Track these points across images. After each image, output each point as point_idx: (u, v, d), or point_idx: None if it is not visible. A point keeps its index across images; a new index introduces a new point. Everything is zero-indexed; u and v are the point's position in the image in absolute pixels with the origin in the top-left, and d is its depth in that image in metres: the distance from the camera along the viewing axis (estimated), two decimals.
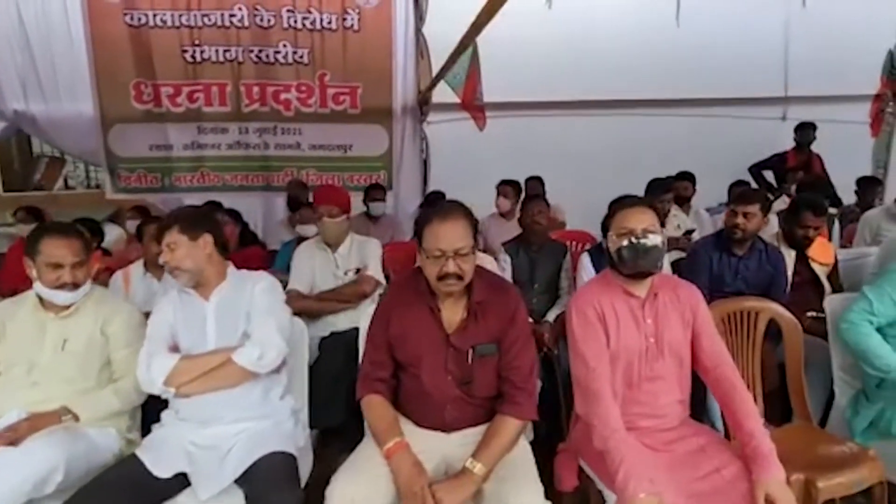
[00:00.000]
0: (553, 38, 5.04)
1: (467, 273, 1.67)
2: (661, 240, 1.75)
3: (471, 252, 1.67)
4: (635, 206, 1.80)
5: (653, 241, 1.73)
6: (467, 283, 1.74)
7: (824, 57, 5.28)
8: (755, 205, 2.68)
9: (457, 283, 1.67)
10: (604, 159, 5.17)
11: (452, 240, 1.64)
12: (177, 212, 2.07)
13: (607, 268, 1.87)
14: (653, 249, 1.73)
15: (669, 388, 1.80)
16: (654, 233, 1.74)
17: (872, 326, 2.02)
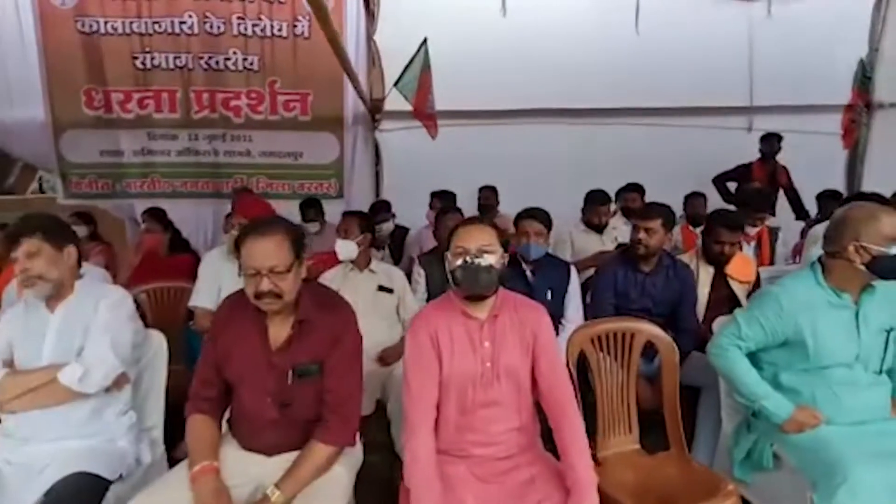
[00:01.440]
0: (508, 45, 4.96)
1: (286, 291, 1.60)
2: (497, 260, 1.66)
3: (288, 270, 1.59)
4: (473, 224, 1.72)
5: (487, 261, 1.64)
6: (296, 300, 1.68)
7: (791, 66, 5.12)
8: (656, 220, 2.57)
9: (274, 301, 1.60)
10: (562, 169, 5.05)
11: (267, 258, 1.58)
12: (35, 219, 2.00)
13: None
14: (487, 270, 1.64)
15: (506, 414, 1.69)
16: (490, 252, 1.65)
17: (741, 352, 1.89)
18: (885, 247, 1.70)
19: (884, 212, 1.74)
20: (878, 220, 1.71)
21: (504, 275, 1.72)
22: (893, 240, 1.70)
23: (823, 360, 1.79)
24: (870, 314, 1.80)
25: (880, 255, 1.70)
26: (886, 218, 1.72)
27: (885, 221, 1.71)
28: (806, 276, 1.86)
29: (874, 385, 1.80)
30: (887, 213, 1.73)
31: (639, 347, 2.09)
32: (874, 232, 1.71)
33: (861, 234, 1.72)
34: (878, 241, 1.70)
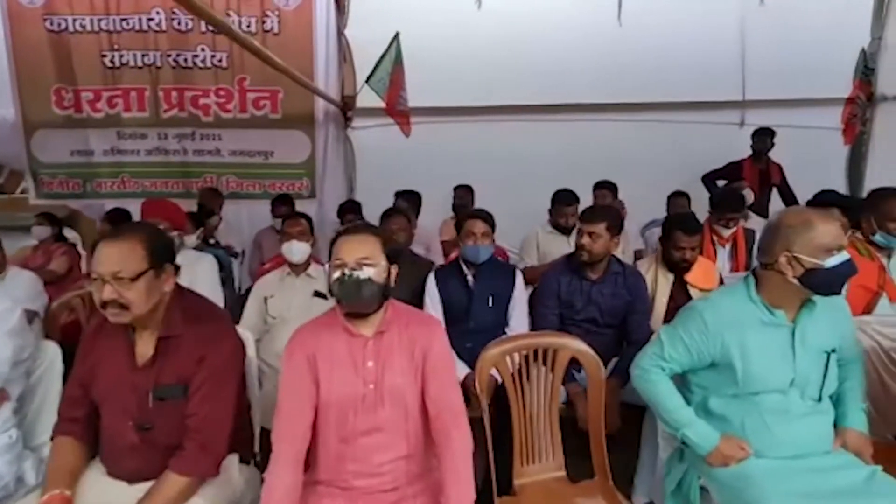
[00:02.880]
0: (484, 39, 4.76)
1: (133, 302, 1.45)
2: (379, 273, 1.49)
3: (135, 278, 1.44)
4: (353, 234, 1.55)
5: (367, 274, 1.48)
6: (165, 314, 1.54)
7: (786, 58, 4.82)
8: (600, 224, 2.37)
9: (121, 312, 1.45)
10: (543, 167, 4.82)
11: (110, 263, 1.44)
12: None
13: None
14: (366, 284, 1.47)
15: (392, 442, 1.53)
16: (370, 265, 1.48)
17: (665, 374, 1.69)
18: (819, 258, 1.48)
19: (820, 219, 1.52)
20: (813, 229, 1.50)
21: (390, 289, 1.56)
22: (829, 251, 1.48)
23: (753, 385, 1.58)
24: (808, 333, 1.58)
25: (814, 267, 1.49)
26: (822, 226, 1.50)
27: (820, 230, 1.49)
28: (737, 289, 1.65)
29: (812, 414, 1.58)
30: (824, 220, 1.52)
31: (562, 365, 1.90)
32: (808, 241, 1.50)
33: (794, 244, 1.51)
34: (811, 252, 1.49)
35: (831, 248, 1.48)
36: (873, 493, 1.45)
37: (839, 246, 1.49)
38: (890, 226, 2.54)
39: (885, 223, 2.58)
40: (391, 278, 1.55)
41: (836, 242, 1.49)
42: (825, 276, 1.49)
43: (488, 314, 2.53)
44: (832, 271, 1.48)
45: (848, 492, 1.46)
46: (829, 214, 1.55)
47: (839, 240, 1.49)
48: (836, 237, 1.49)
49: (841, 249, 1.49)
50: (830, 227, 1.50)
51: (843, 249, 1.49)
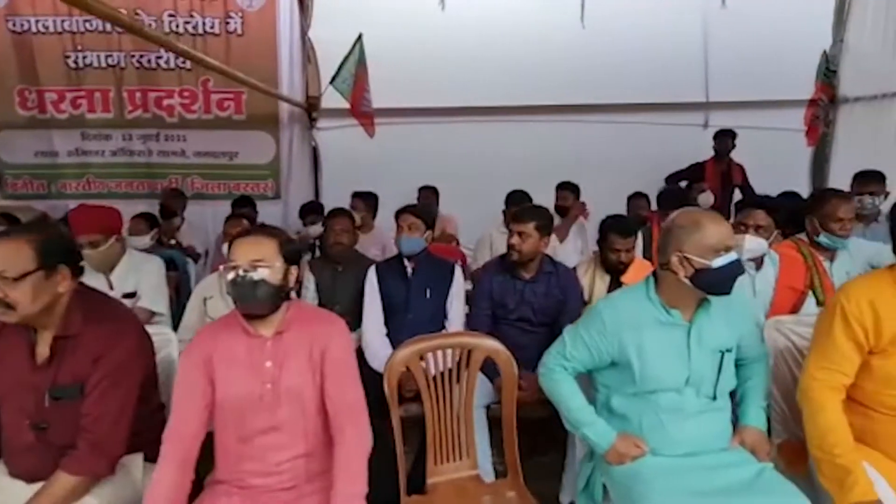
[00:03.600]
0: (448, 40, 4.80)
1: (19, 302, 1.45)
2: (273, 274, 1.50)
3: (20, 278, 1.44)
4: (248, 235, 1.56)
5: (260, 275, 1.48)
6: (65, 314, 1.55)
7: (748, 59, 4.87)
8: (529, 223, 2.39)
9: (6, 312, 1.45)
10: (507, 168, 4.84)
11: None
12: None
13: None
14: (260, 285, 1.48)
15: (289, 441, 1.54)
16: (264, 266, 1.49)
17: (567, 373, 1.70)
18: (708, 259, 1.50)
19: (709, 219, 1.54)
20: (702, 229, 1.52)
21: (288, 290, 1.57)
22: (718, 251, 1.50)
23: (650, 383, 1.59)
24: (704, 333, 1.60)
25: (703, 267, 1.51)
26: (711, 226, 1.52)
27: (709, 230, 1.51)
28: (637, 289, 1.67)
29: (706, 412, 1.60)
30: (713, 220, 1.54)
31: (477, 364, 1.91)
32: (697, 242, 1.51)
33: (684, 245, 1.53)
34: (701, 253, 1.51)
35: (719, 248, 1.50)
36: (760, 489, 1.47)
37: (727, 247, 1.50)
38: (833, 226, 2.55)
39: (829, 224, 2.59)
40: (289, 279, 1.55)
41: (724, 243, 1.50)
42: (713, 276, 1.50)
43: (426, 306, 2.57)
44: (719, 271, 1.50)
45: (736, 488, 1.48)
46: (718, 216, 1.57)
47: (727, 241, 1.51)
48: (724, 238, 1.51)
49: (729, 250, 1.51)
50: (719, 228, 1.52)
51: (732, 250, 1.51)
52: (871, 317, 1.51)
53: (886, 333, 1.50)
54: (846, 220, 2.37)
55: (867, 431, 1.58)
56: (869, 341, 1.52)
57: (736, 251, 1.53)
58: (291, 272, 1.56)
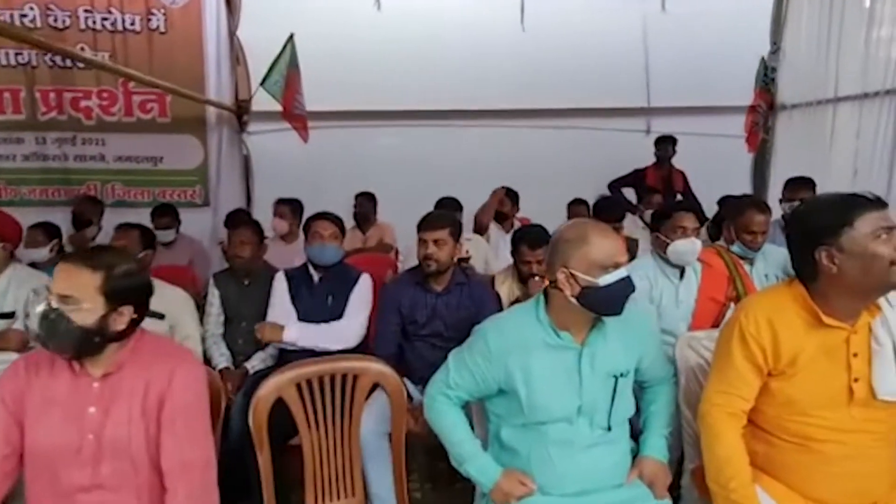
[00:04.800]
0: (385, 42, 4.62)
1: None
2: (82, 316, 1.25)
3: None
4: (69, 262, 1.30)
5: (67, 312, 1.24)
6: None
7: (689, 65, 4.84)
8: (444, 230, 2.24)
9: None
10: (446, 173, 4.67)
11: None
12: None
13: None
14: (61, 324, 1.24)
15: (118, 500, 1.32)
16: (72, 306, 1.24)
17: (451, 402, 1.54)
18: (595, 276, 1.36)
19: (598, 233, 1.39)
20: (587, 244, 1.37)
21: (106, 334, 1.29)
22: (606, 268, 1.36)
23: (538, 414, 1.44)
24: (597, 357, 1.46)
25: (589, 285, 1.37)
26: (599, 240, 1.38)
27: (594, 245, 1.37)
28: (527, 309, 1.52)
29: (600, 444, 1.46)
30: (601, 234, 1.39)
31: (364, 390, 1.74)
32: (583, 257, 1.37)
33: (570, 260, 1.39)
34: (586, 269, 1.37)
35: (607, 264, 1.36)
36: None
37: (615, 263, 1.37)
38: (745, 237, 2.49)
39: (742, 234, 2.53)
40: (112, 322, 1.29)
41: (613, 259, 1.36)
42: (600, 295, 1.36)
43: (329, 313, 2.43)
44: (607, 290, 1.36)
45: None
46: (608, 229, 1.43)
47: (616, 256, 1.37)
48: (612, 254, 1.37)
49: (618, 266, 1.37)
50: (607, 242, 1.38)
51: (622, 266, 1.37)
52: (769, 336, 1.39)
53: (785, 354, 1.39)
54: (759, 233, 2.29)
55: (770, 459, 1.46)
56: (768, 363, 1.40)
57: (626, 268, 1.39)
58: (120, 313, 1.30)
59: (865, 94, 4.07)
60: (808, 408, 1.38)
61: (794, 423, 1.40)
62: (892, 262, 1.24)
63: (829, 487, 1.39)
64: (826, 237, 1.30)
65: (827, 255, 1.31)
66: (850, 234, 1.27)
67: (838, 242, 1.29)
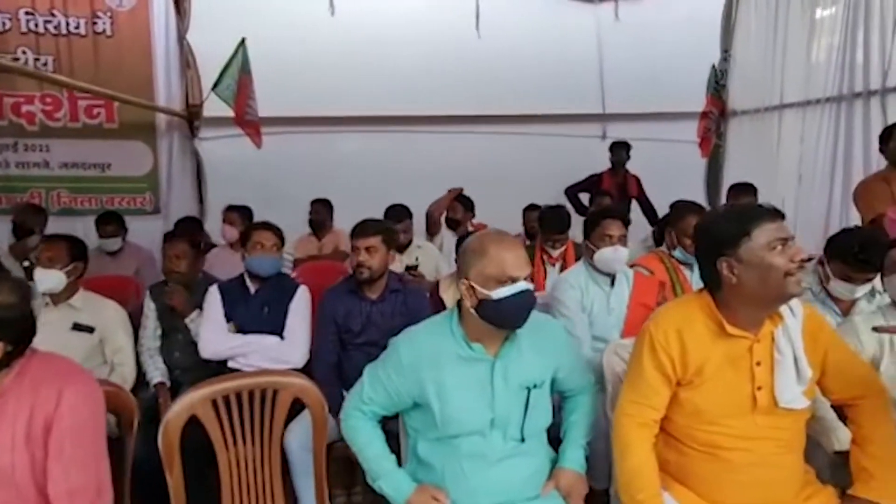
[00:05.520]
0: (339, 47, 4.61)
1: None
2: None
3: None
4: None
5: None
6: None
7: (643, 72, 4.93)
8: (375, 237, 2.22)
9: None
10: (403, 179, 4.66)
11: None
12: None
13: None
14: None
15: None
16: None
17: (366, 418, 1.52)
18: (490, 289, 1.35)
19: (496, 245, 1.38)
20: (485, 256, 1.37)
21: None
22: (501, 281, 1.35)
23: (452, 427, 1.43)
24: (511, 368, 1.45)
25: (485, 298, 1.36)
26: (495, 254, 1.36)
27: (491, 258, 1.36)
28: (441, 322, 1.51)
29: (514, 456, 1.45)
30: (499, 246, 1.38)
31: (284, 406, 1.70)
32: (480, 270, 1.37)
33: (469, 272, 1.38)
34: (483, 282, 1.36)
35: (502, 278, 1.35)
36: None
37: (511, 277, 1.35)
38: (685, 241, 2.52)
39: (682, 238, 2.56)
40: None
41: (507, 273, 1.35)
42: (496, 309, 1.35)
43: (264, 324, 2.37)
44: (502, 304, 1.34)
45: None
46: (510, 240, 1.42)
47: (511, 270, 1.35)
48: (508, 267, 1.35)
49: (515, 280, 1.36)
50: (505, 254, 1.36)
51: (519, 280, 1.36)
52: (677, 347, 1.41)
53: (692, 364, 1.40)
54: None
55: (681, 468, 1.47)
56: (676, 372, 1.41)
57: (525, 280, 1.38)
58: None
59: (808, 102, 4.19)
60: (715, 417, 1.40)
61: (702, 432, 1.41)
62: (786, 273, 1.26)
63: (736, 495, 1.40)
64: (726, 248, 1.32)
65: (727, 265, 1.32)
66: (748, 246, 1.29)
67: (737, 253, 1.30)
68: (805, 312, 1.42)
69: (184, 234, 2.81)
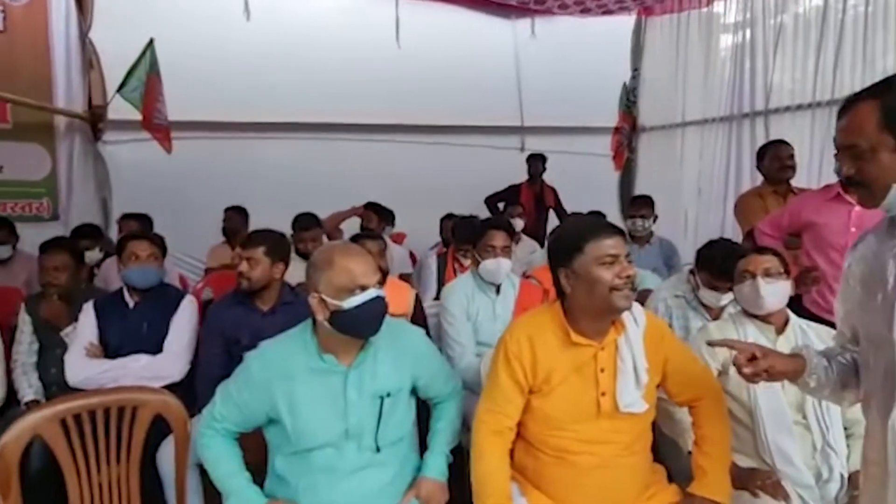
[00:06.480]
0: (256, 52, 4.50)
1: None
2: None
3: None
4: None
5: None
6: None
7: (559, 87, 5.10)
8: (258, 248, 2.17)
9: None
10: (321, 188, 4.59)
11: None
12: None
13: None
14: None
15: None
16: None
17: (219, 435, 1.48)
18: (342, 299, 1.36)
19: (343, 256, 1.40)
20: (333, 267, 1.38)
21: None
22: (352, 290, 1.37)
23: (305, 440, 1.42)
24: (365, 378, 1.46)
25: (337, 309, 1.37)
26: (343, 263, 1.38)
27: (339, 269, 1.38)
28: (296, 334, 1.50)
29: (368, 467, 1.45)
30: (346, 257, 1.40)
31: (144, 424, 1.63)
32: (329, 281, 1.38)
33: (319, 284, 1.39)
34: (334, 293, 1.37)
35: (352, 287, 1.37)
36: None
37: (361, 285, 1.37)
38: None
39: None
40: None
41: (357, 282, 1.37)
42: (349, 318, 1.37)
43: (143, 342, 2.25)
44: (354, 312, 1.36)
45: None
46: (357, 250, 1.44)
47: (361, 279, 1.38)
48: (357, 276, 1.38)
49: (366, 288, 1.38)
50: (353, 264, 1.39)
51: (369, 288, 1.38)
52: (529, 355, 1.46)
53: (541, 372, 1.45)
54: None
55: (536, 473, 1.52)
56: (528, 380, 1.46)
57: (376, 287, 1.40)
58: None
59: (706, 120, 4.47)
60: (564, 422, 1.45)
61: (552, 438, 1.47)
62: (612, 288, 1.33)
63: (583, 497, 1.46)
64: (564, 260, 1.39)
65: (565, 276, 1.39)
66: (581, 259, 1.36)
67: (572, 266, 1.37)
68: (647, 321, 1.51)
69: (62, 243, 2.65)
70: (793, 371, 1.22)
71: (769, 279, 1.69)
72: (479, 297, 2.33)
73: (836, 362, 1.23)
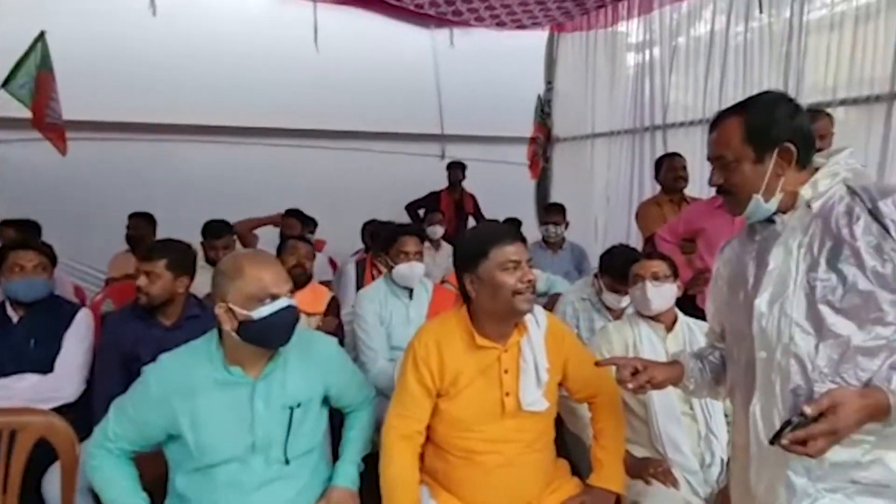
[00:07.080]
0: (164, 50, 4.27)
1: None
2: None
3: None
4: None
5: None
6: None
7: (477, 97, 5.21)
8: (158, 262, 2.07)
9: None
10: (235, 193, 4.39)
11: None
12: None
13: None
14: None
15: None
16: None
17: (112, 456, 1.40)
18: (250, 309, 1.34)
19: (252, 264, 1.37)
20: (243, 276, 1.34)
21: None
22: (261, 300, 1.34)
23: (208, 456, 1.37)
24: (274, 389, 1.43)
25: (245, 319, 1.34)
26: (253, 272, 1.35)
27: (248, 278, 1.34)
28: (198, 347, 1.45)
29: (276, 480, 1.42)
30: (256, 265, 1.36)
31: (25, 449, 1.51)
32: (238, 291, 1.34)
33: (227, 294, 1.35)
34: (243, 303, 1.34)
35: (262, 296, 1.34)
36: None
37: (272, 294, 1.35)
38: None
39: None
40: None
41: (267, 291, 1.34)
42: (258, 328, 1.34)
43: (29, 358, 2.08)
44: (264, 322, 1.34)
45: None
46: (267, 257, 1.43)
47: (271, 287, 1.35)
48: (267, 285, 1.35)
49: (276, 297, 1.36)
50: (264, 272, 1.36)
51: (280, 296, 1.36)
52: (436, 359, 1.49)
53: (448, 375, 1.49)
54: None
55: (446, 475, 1.55)
56: (435, 384, 1.50)
57: (286, 297, 1.38)
58: None
59: (612, 132, 4.75)
60: (470, 423, 1.50)
61: (459, 439, 1.51)
62: (515, 292, 1.40)
63: (489, 496, 1.51)
64: (469, 266, 1.44)
65: (469, 281, 1.44)
66: (485, 265, 1.42)
67: (476, 271, 1.42)
68: (549, 323, 1.59)
69: None
70: (674, 378, 1.33)
71: (656, 282, 1.83)
72: (393, 301, 2.35)
73: (708, 361, 1.36)
